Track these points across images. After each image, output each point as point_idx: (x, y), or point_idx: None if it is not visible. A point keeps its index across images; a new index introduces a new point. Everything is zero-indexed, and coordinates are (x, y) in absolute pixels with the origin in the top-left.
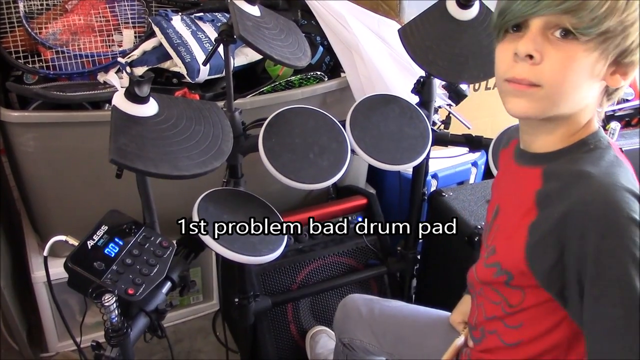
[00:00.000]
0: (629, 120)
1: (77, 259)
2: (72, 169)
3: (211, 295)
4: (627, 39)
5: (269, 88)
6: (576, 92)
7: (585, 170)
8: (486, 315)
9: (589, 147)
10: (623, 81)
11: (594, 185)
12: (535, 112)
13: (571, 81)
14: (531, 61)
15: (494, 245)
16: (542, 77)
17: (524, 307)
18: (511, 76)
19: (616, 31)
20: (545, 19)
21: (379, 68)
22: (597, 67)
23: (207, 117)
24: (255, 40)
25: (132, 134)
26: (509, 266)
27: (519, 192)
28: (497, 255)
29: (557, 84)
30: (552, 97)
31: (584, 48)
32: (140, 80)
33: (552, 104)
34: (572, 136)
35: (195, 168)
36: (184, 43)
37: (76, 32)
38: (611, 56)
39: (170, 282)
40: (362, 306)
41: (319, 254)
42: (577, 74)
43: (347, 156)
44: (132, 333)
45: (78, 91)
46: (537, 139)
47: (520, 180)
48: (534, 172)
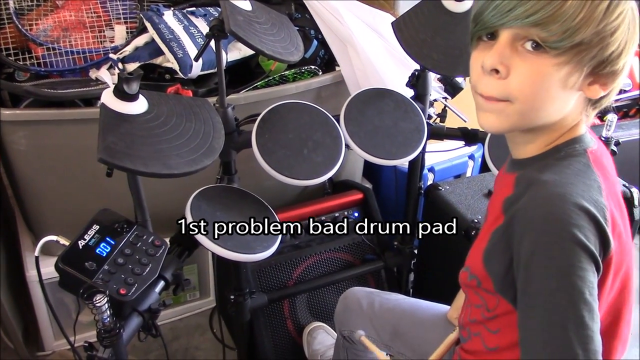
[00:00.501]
0: (627, 111)
1: (68, 259)
2: (64, 167)
3: (208, 292)
4: (605, 49)
5: (263, 83)
6: (549, 105)
7: (542, 178)
8: (470, 318)
9: (560, 154)
10: (603, 92)
11: (540, 194)
12: (505, 127)
13: (541, 96)
14: (497, 75)
15: (470, 250)
16: (510, 92)
17: (498, 313)
18: (479, 91)
19: (592, 43)
20: (514, 30)
21: (374, 62)
22: (571, 79)
23: (198, 114)
24: (247, 35)
25: (121, 132)
26: (474, 271)
27: (496, 197)
28: (469, 259)
29: (526, 99)
30: (522, 112)
31: (554, 62)
32: (129, 78)
33: (523, 119)
34: (551, 143)
35: (185, 166)
36: (176, 38)
37: (67, 29)
38: (587, 68)
39: (164, 281)
40: (363, 299)
41: (315, 250)
42: (547, 88)
43: (341, 151)
44: (124, 333)
45: (70, 88)
46: (519, 146)
47: (501, 185)
48: (509, 179)
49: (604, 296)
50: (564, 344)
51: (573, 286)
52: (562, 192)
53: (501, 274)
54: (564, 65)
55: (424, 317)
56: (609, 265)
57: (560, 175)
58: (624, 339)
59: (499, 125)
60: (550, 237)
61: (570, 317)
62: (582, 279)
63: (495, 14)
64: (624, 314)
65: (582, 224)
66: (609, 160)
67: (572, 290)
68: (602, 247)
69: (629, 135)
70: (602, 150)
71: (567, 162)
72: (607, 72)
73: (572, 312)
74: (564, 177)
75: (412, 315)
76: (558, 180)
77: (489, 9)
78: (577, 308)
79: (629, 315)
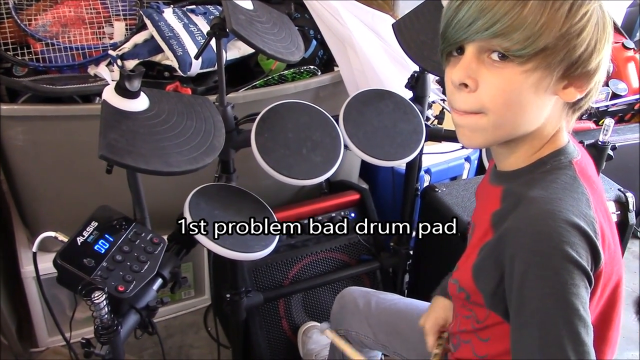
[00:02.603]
0: (622, 115)
1: (66, 256)
2: (62, 163)
3: (203, 290)
4: (573, 51)
5: (262, 82)
6: (524, 114)
7: (530, 194)
8: (459, 328)
9: (546, 167)
10: (579, 94)
11: (531, 211)
12: (483, 141)
13: (514, 104)
14: (467, 89)
15: (458, 263)
16: (482, 105)
17: (489, 323)
18: (454, 107)
19: (557, 46)
20: (478, 44)
21: (373, 62)
22: (542, 85)
23: (199, 112)
24: (248, 34)
25: (123, 129)
26: (464, 284)
27: (483, 210)
28: (457, 272)
29: (498, 110)
30: (497, 123)
31: (522, 69)
32: (130, 75)
33: (499, 131)
34: (535, 154)
35: (186, 164)
36: (176, 36)
37: (66, 24)
38: (558, 71)
39: (161, 279)
40: (359, 298)
41: (311, 250)
42: (519, 97)
43: (340, 152)
44: (122, 331)
45: (68, 84)
46: (502, 157)
47: (486, 198)
48: (495, 192)
49: (594, 306)
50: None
51: (568, 304)
52: (551, 209)
53: (491, 290)
54: (532, 72)
55: (418, 316)
56: (599, 277)
57: (548, 190)
58: (613, 343)
59: (476, 140)
60: (542, 256)
61: (566, 335)
62: (576, 296)
63: (458, 30)
64: (614, 319)
65: (574, 241)
66: (593, 169)
67: (567, 308)
68: (593, 261)
69: (625, 140)
70: (586, 159)
71: (554, 175)
72: (580, 74)
73: (568, 330)
74: (551, 192)
75: (408, 315)
76: (546, 196)
77: (451, 25)
78: (573, 325)
79: (619, 320)
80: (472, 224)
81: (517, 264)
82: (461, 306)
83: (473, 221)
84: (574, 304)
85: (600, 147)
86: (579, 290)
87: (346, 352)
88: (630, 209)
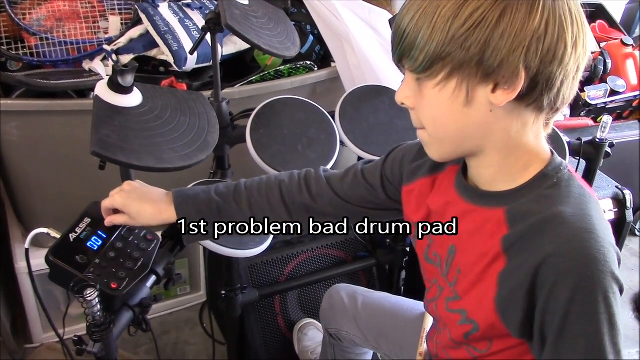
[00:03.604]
0: (621, 112)
1: (58, 252)
2: (56, 159)
3: (198, 286)
4: (470, 51)
5: (258, 77)
6: (461, 126)
7: (557, 212)
8: (450, 356)
9: (552, 180)
10: (511, 94)
11: (568, 233)
12: (440, 155)
13: (441, 118)
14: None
15: (456, 290)
16: (421, 121)
17: (491, 352)
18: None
19: (453, 51)
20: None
21: (370, 58)
22: (461, 94)
23: (193, 108)
24: (243, 29)
25: (115, 125)
26: (477, 317)
27: (479, 235)
28: (463, 302)
29: (431, 125)
30: (439, 137)
31: (433, 84)
32: (123, 70)
33: (448, 144)
34: (524, 167)
35: (179, 161)
36: (171, 31)
37: (61, 19)
38: (470, 76)
39: (155, 276)
40: (346, 297)
41: (307, 246)
42: (443, 110)
43: (336, 148)
44: (115, 328)
45: (63, 79)
46: (480, 172)
47: (479, 221)
48: (495, 214)
49: None
50: None
51: (614, 326)
52: (588, 228)
53: (520, 322)
54: (444, 83)
55: (406, 319)
56: None
57: (571, 206)
58: None
59: (432, 153)
60: (591, 281)
61: (611, 351)
62: (618, 315)
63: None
64: None
65: (614, 259)
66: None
67: (613, 329)
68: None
69: (623, 137)
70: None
71: (564, 188)
72: (497, 73)
73: (614, 351)
74: (575, 208)
75: (395, 317)
76: (575, 213)
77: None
78: (617, 346)
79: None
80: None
81: (561, 289)
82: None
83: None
84: (618, 324)
85: (598, 145)
86: (618, 306)
87: None
88: (627, 206)
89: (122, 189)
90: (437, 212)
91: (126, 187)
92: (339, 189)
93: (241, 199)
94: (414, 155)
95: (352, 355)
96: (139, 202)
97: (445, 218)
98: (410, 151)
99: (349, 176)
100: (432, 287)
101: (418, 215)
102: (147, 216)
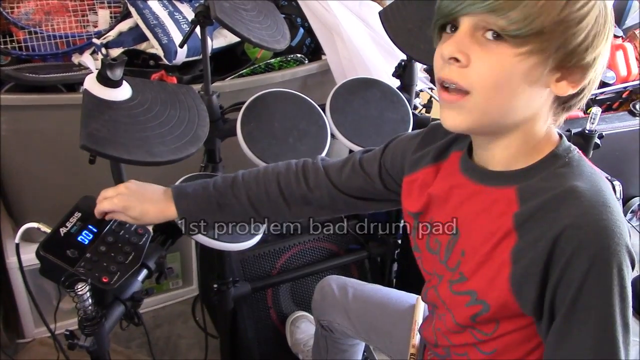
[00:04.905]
0: (611, 104)
1: (49, 247)
2: (46, 153)
3: (190, 280)
4: (570, 40)
5: (248, 71)
6: (512, 100)
7: (572, 186)
8: (451, 341)
9: (564, 160)
10: (572, 89)
11: (584, 206)
12: (469, 124)
13: (502, 88)
14: (458, 64)
15: (461, 271)
16: (470, 82)
17: (497, 335)
18: (439, 76)
19: (555, 32)
20: (473, 19)
21: (360, 50)
22: (535, 73)
23: (183, 102)
24: (232, 22)
25: (105, 118)
26: (487, 297)
27: (486, 215)
28: (471, 283)
29: (485, 91)
30: (482, 105)
31: (516, 52)
32: (112, 64)
33: (484, 114)
34: (535, 149)
35: (169, 154)
36: (161, 24)
37: (50, 12)
38: (552, 60)
39: (147, 270)
40: (337, 289)
41: (299, 239)
42: (509, 81)
43: (327, 140)
44: (106, 322)
45: (52, 73)
46: (494, 154)
47: (487, 201)
48: (504, 193)
49: None
50: (612, 350)
51: (626, 297)
52: (604, 202)
53: (535, 298)
54: (526, 57)
55: (395, 311)
56: None
57: (585, 182)
58: None
59: (460, 121)
60: (609, 252)
61: (620, 324)
62: (628, 286)
63: (452, 2)
64: None
65: (627, 233)
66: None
67: (624, 298)
68: None
69: (612, 128)
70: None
71: (576, 167)
72: (574, 66)
73: (623, 319)
74: (589, 184)
75: (384, 309)
76: (589, 188)
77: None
78: (627, 314)
79: None
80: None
81: (579, 261)
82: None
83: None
84: (629, 298)
85: (587, 136)
86: (630, 278)
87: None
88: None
89: (119, 191)
90: (439, 198)
91: (123, 190)
92: (336, 181)
93: (240, 193)
94: (416, 146)
95: (344, 347)
96: (139, 205)
97: (448, 202)
98: (411, 142)
99: (347, 167)
100: (432, 279)
101: (418, 204)
102: (151, 217)
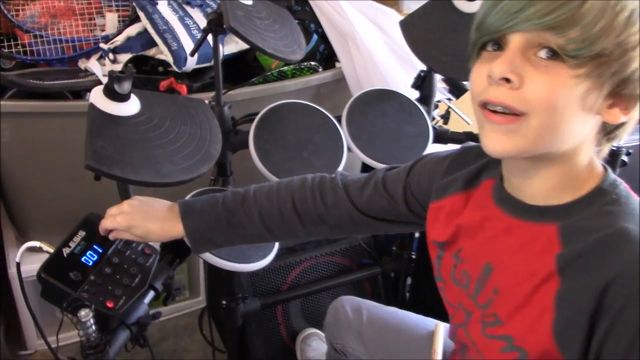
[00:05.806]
0: None
1: (51, 269)
2: (50, 162)
3: (197, 292)
4: (627, 65)
5: (260, 79)
6: (566, 125)
7: (622, 228)
8: None
9: (611, 196)
10: (623, 117)
11: (636, 252)
12: (520, 150)
13: (559, 111)
14: (509, 85)
15: (495, 313)
16: (526, 104)
17: None
18: (484, 98)
19: (613, 55)
20: (526, 35)
21: (376, 58)
22: (590, 98)
23: (194, 116)
24: (247, 31)
25: (111, 135)
26: (526, 344)
27: (524, 253)
28: (507, 327)
29: (543, 113)
30: (537, 130)
31: (573, 73)
32: (120, 76)
33: (538, 139)
34: (578, 182)
35: (179, 174)
36: (171, 29)
37: (56, 15)
38: (607, 85)
39: (154, 292)
40: (351, 311)
41: (310, 253)
42: (566, 104)
43: (343, 155)
44: (111, 349)
45: (57, 79)
46: (532, 184)
47: (524, 238)
48: (544, 230)
49: None
50: None
51: None
52: None
53: (580, 347)
54: (583, 80)
55: (412, 338)
56: None
57: (636, 224)
58: None
59: (512, 146)
60: None
61: None
62: None
63: (501, 17)
64: None
65: None
66: None
67: None
68: None
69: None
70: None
71: (625, 205)
72: (629, 94)
73: None
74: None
75: (401, 333)
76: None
77: (493, 11)
78: None
79: None
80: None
81: (631, 314)
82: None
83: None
84: None
85: (614, 153)
86: None
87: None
88: None
89: (123, 210)
90: (469, 229)
91: (127, 208)
92: (357, 201)
93: (251, 211)
94: (444, 170)
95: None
96: (144, 223)
97: (479, 235)
98: (439, 165)
99: (369, 186)
100: (457, 313)
101: (444, 234)
102: (156, 236)
